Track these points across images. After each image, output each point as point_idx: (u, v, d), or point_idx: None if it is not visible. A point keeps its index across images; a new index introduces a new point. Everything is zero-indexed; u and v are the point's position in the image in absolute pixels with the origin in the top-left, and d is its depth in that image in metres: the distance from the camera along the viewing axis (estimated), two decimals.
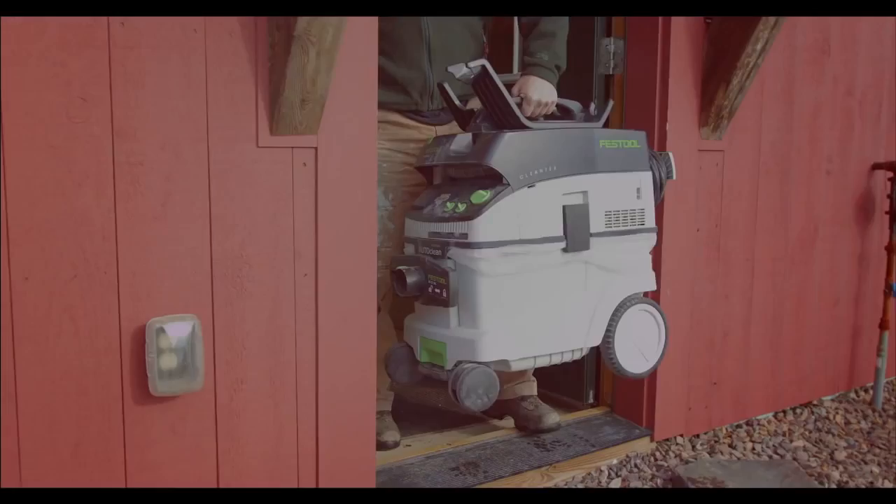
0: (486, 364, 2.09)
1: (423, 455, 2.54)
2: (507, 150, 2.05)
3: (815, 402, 3.35)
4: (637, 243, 2.28)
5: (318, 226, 1.95)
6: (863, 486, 2.61)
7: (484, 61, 2.11)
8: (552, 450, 2.62)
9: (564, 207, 2.11)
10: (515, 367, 2.18)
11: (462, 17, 2.44)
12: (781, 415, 3.22)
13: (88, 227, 1.68)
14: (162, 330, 1.74)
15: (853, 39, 3.24)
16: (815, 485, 2.56)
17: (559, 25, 2.42)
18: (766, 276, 3.05)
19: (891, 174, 3.36)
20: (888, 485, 2.64)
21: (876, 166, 3.41)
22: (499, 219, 2.04)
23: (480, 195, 2.05)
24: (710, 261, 2.85)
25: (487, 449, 2.60)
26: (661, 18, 2.61)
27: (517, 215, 2.06)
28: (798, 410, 3.27)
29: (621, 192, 2.23)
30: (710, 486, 2.44)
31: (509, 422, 2.81)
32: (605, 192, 2.18)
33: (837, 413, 3.28)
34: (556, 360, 2.23)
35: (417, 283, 2.12)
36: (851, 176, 3.34)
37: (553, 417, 2.72)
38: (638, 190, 2.26)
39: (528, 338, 2.14)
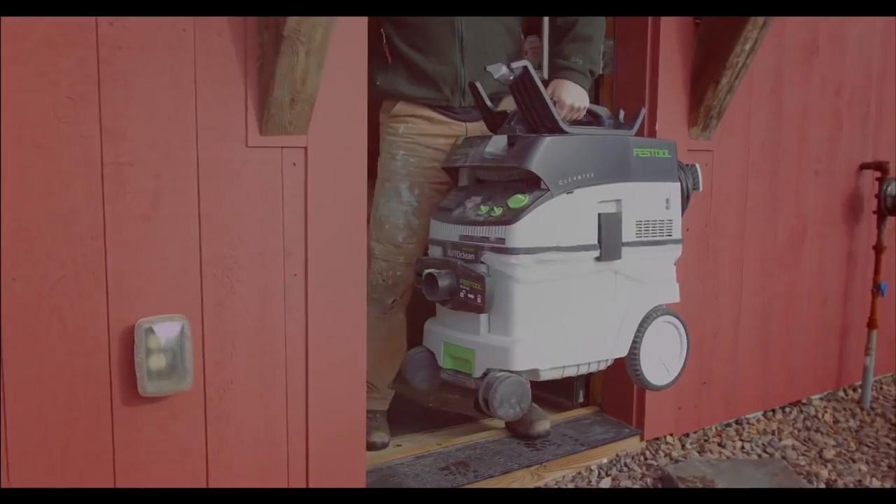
0: (518, 373, 2.05)
1: (413, 455, 2.54)
2: (548, 155, 2.01)
3: (804, 401, 3.36)
4: (664, 254, 2.26)
5: (307, 226, 1.94)
6: (851, 485, 2.62)
7: (526, 62, 2.06)
8: (542, 449, 2.62)
9: (600, 215, 2.08)
10: (545, 376, 2.13)
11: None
12: (771, 414, 3.23)
13: (77, 227, 1.67)
14: (151, 330, 1.74)
15: (841, 40, 3.25)
16: (804, 483, 2.57)
17: (595, 28, 2.37)
18: (756, 276, 3.07)
19: (878, 174, 3.38)
20: (876, 483, 2.66)
21: (864, 166, 3.42)
22: (537, 224, 1.99)
23: (518, 199, 2.01)
24: (700, 260, 2.86)
25: (477, 449, 2.61)
26: (650, 18, 2.62)
27: (555, 222, 2.02)
28: (787, 409, 3.29)
29: (652, 201, 2.19)
30: (699, 485, 2.45)
31: (499, 422, 2.81)
32: (636, 201, 2.15)
33: (826, 412, 3.29)
34: (584, 370, 2.20)
35: (449, 288, 2.06)
36: (840, 176, 3.36)
37: (543, 424, 2.70)
38: (667, 200, 2.23)
39: (559, 347, 2.11)
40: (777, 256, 3.14)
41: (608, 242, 2.09)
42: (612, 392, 2.90)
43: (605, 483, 2.56)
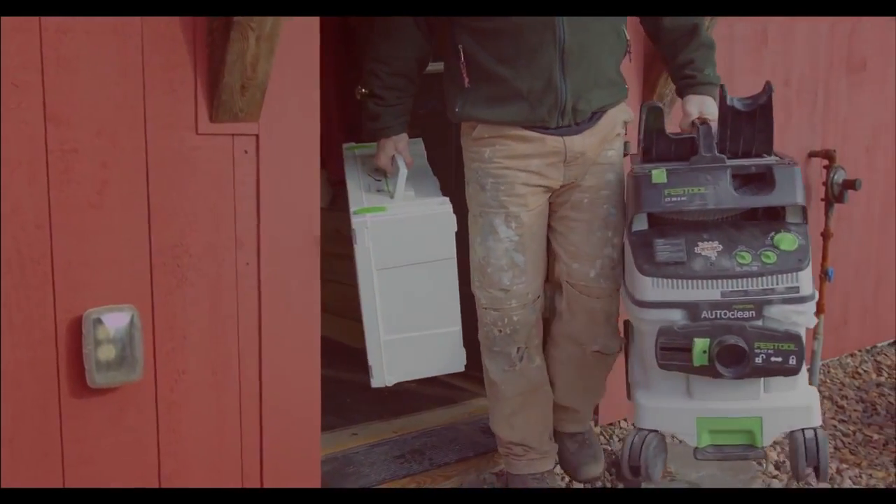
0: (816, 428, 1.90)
1: (369, 443, 2.54)
2: (802, 185, 1.89)
3: None
4: None
5: (259, 214, 1.92)
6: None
7: (773, 87, 1.91)
8: None
9: None
10: None
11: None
12: None
13: (21, 216, 1.63)
14: (99, 321, 1.71)
15: (791, 30, 3.31)
16: (754, 466, 2.62)
17: (710, 34, 2.21)
18: None
19: (826, 162, 3.44)
20: None
21: (812, 154, 3.48)
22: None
23: (789, 240, 1.86)
24: None
25: (433, 436, 2.62)
26: None
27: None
28: None
29: None
30: None
31: (453, 409, 2.81)
32: None
33: None
34: None
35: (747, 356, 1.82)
36: None
37: (593, 469, 2.43)
38: None
39: None
40: None
41: None
42: None
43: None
